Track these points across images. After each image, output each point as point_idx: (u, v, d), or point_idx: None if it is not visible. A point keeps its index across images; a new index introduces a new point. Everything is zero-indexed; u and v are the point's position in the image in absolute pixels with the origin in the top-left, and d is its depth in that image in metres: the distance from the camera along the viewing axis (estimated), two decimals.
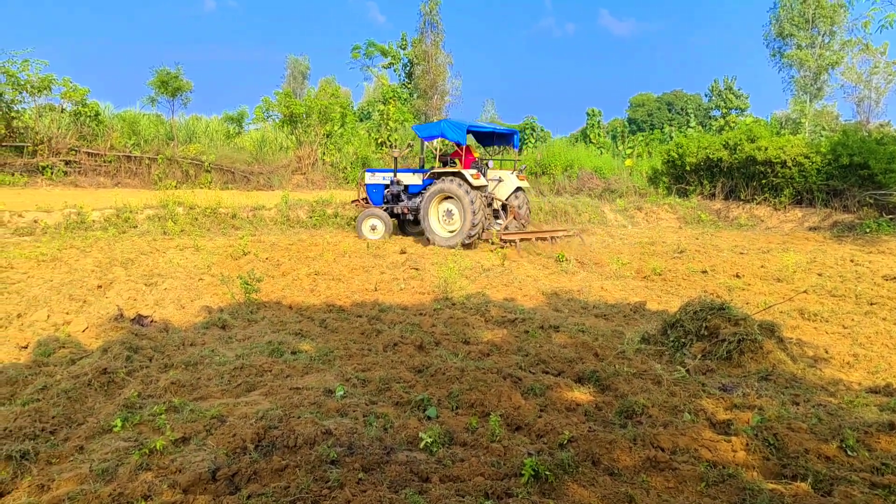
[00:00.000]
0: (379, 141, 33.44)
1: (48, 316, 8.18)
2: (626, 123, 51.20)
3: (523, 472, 4.24)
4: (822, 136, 30.65)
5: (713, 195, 23.97)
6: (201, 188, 23.89)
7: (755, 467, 4.54)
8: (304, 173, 29.10)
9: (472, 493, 4.04)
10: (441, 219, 15.47)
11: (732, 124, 38.36)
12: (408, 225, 17.48)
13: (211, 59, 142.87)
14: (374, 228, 16.48)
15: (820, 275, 12.22)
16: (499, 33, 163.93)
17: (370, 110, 44.10)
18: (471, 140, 17.24)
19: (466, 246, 14.86)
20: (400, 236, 17.00)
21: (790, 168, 21.69)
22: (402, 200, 16.81)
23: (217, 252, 13.20)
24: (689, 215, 22.50)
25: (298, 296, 9.95)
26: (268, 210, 18.64)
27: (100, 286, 9.87)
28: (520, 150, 18.42)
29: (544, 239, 15.51)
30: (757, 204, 22.55)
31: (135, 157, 25.25)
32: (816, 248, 15.97)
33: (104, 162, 24.68)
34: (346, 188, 27.12)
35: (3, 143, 23.40)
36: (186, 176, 25.68)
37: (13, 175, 22.67)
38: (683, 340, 7.11)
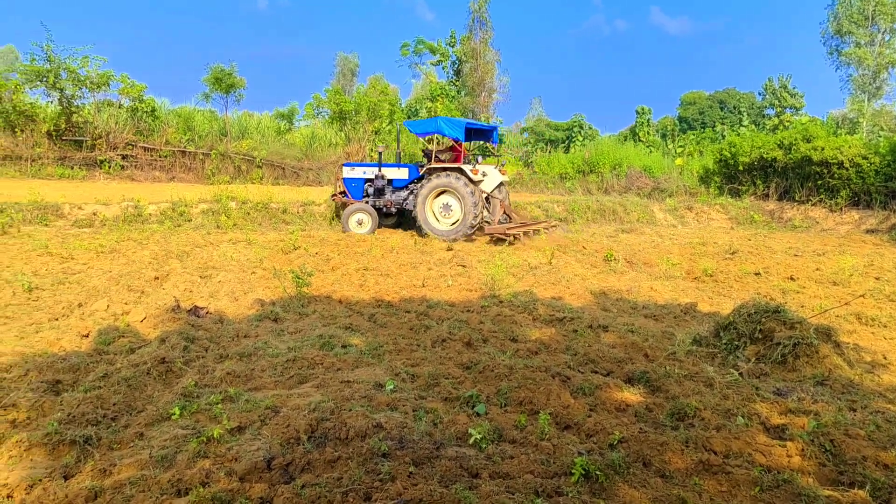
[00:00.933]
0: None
1: (108, 306, 8.43)
2: (676, 122, 50.51)
3: (573, 471, 4.24)
4: (880, 136, 29.77)
5: (766, 195, 23.49)
6: (253, 183, 24.33)
7: (811, 473, 4.46)
8: None
9: (521, 490, 4.06)
10: (438, 213, 15.75)
11: (787, 123, 37.56)
12: (382, 218, 17.38)
13: (263, 56, 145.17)
14: (360, 223, 16.40)
15: (878, 279, 11.89)
16: (548, 30, 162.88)
17: (418, 108, 44.25)
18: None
19: (467, 238, 15.42)
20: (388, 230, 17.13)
21: (847, 169, 21.14)
22: (386, 195, 16.81)
23: (268, 246, 13.43)
24: (741, 216, 22.09)
25: (348, 290, 10.07)
26: (317, 205, 18.87)
27: (157, 278, 10.14)
28: (498, 146, 18.80)
29: (537, 231, 16.02)
30: (812, 205, 22.03)
31: (189, 152, 25.83)
32: (874, 252, 15.54)
33: (160, 157, 25.31)
34: None
35: (64, 137, 24.17)
36: (239, 171, 26.18)
37: (73, 168, 23.41)
38: (736, 343, 7.00)
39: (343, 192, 17.29)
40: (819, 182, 22.01)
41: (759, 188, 23.83)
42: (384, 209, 16.84)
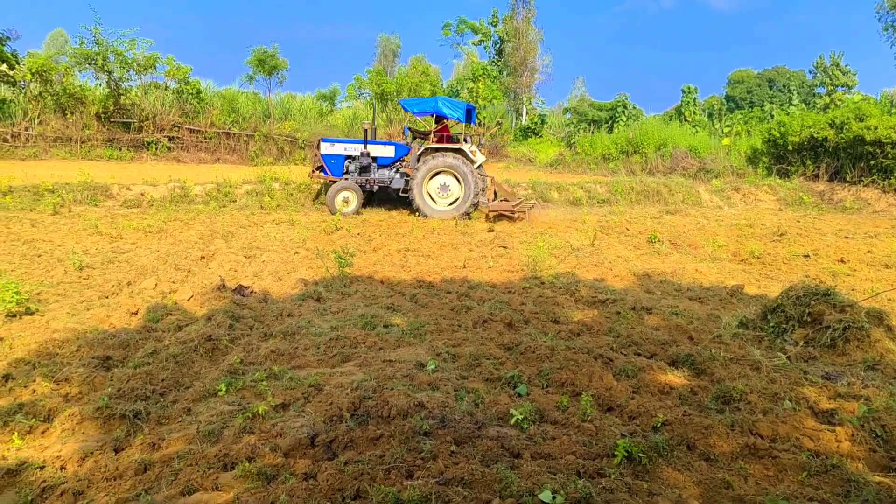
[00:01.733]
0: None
1: (156, 284, 8.61)
2: (723, 101, 49.45)
3: (616, 452, 4.21)
4: None
5: (816, 176, 22.88)
6: (296, 164, 24.52)
7: (861, 459, 4.36)
8: None
9: (563, 470, 4.04)
10: (435, 192, 15.74)
11: (839, 102, 36.45)
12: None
13: (305, 38, 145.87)
14: (346, 201, 15.90)
15: None
16: (592, 8, 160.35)
17: (459, 88, 44.08)
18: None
19: (465, 216, 15.58)
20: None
21: None
22: (369, 173, 16.39)
23: (311, 227, 13.56)
24: (790, 197, 21.57)
25: (389, 271, 10.12)
26: None
27: (203, 257, 10.32)
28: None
29: (532, 207, 16.41)
30: (864, 186, 21.39)
31: (233, 133, 26.12)
32: None
33: (205, 138, 25.65)
34: None
35: (112, 119, 24.64)
36: (281, 152, 26.40)
37: (121, 150, 23.88)
38: (784, 326, 6.86)
39: (320, 169, 16.72)
40: (872, 162, 21.35)
41: (809, 169, 23.22)
42: (366, 187, 16.40)
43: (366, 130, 16.97)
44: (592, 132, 35.62)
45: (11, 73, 23.90)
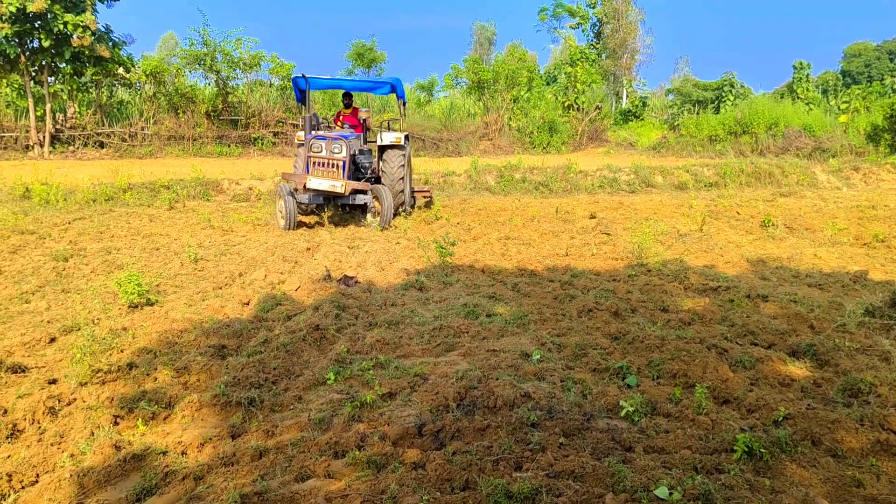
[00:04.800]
0: (566, 104, 32.87)
1: (265, 275, 8.87)
2: (839, 76, 46.67)
3: (735, 447, 4.01)
4: None
5: None
6: None
7: None
8: (491, 139, 29.37)
9: (679, 465, 3.89)
10: None
11: None
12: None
13: (402, 29, 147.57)
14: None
15: None
16: None
17: (556, 73, 43.42)
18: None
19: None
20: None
21: None
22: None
23: (411, 217, 13.67)
24: None
25: (490, 260, 10.06)
26: (457, 176, 19.00)
27: (308, 249, 10.57)
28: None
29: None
30: None
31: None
32: None
33: None
34: (533, 153, 27.00)
35: (221, 117, 25.66)
36: None
37: (229, 146, 24.85)
38: None
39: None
40: None
41: None
42: None
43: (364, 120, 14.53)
44: (697, 113, 34.39)
45: (128, 75, 25.25)
